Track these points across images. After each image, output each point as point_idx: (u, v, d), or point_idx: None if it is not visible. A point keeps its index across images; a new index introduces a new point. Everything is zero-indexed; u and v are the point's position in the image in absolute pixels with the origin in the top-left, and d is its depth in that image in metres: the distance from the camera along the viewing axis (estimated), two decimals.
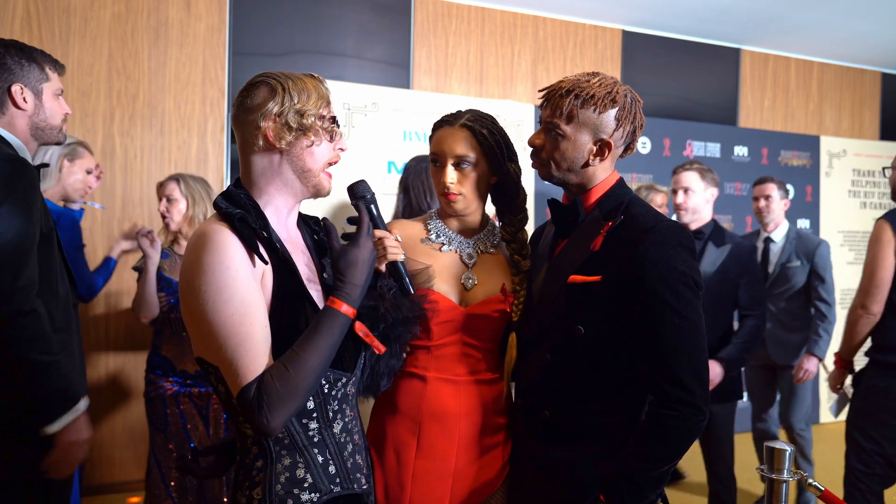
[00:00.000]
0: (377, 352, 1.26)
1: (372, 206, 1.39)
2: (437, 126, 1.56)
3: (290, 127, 1.20)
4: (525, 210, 1.60)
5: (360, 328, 1.22)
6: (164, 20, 3.57)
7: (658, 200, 3.58)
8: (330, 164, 1.28)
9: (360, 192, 1.40)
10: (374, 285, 1.35)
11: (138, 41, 3.53)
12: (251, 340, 1.10)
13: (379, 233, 1.37)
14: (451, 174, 1.51)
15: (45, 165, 1.91)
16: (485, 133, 1.51)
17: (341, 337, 1.16)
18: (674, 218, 2.77)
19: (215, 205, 1.18)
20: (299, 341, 1.13)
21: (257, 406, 1.08)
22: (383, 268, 1.37)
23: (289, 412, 1.11)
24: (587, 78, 1.34)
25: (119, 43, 3.49)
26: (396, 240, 1.39)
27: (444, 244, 1.56)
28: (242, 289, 1.10)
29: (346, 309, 1.16)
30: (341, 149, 1.29)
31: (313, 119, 1.22)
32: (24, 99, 1.75)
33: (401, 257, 1.37)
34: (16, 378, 1.50)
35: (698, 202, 2.78)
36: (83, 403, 1.60)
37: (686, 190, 2.77)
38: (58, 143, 1.90)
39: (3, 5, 3.28)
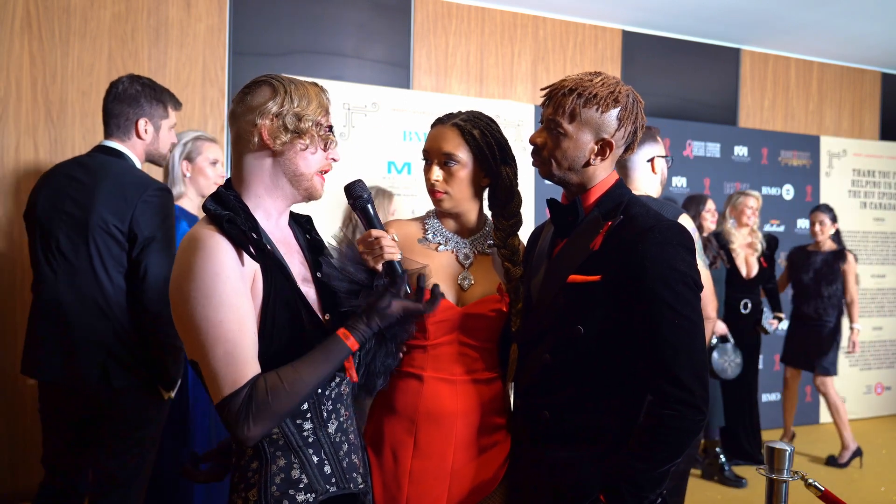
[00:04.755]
0: (352, 380, 1.29)
1: (369, 205, 1.39)
2: (432, 125, 1.57)
3: (287, 128, 1.19)
4: (519, 215, 1.59)
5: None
6: (164, 20, 3.57)
7: (751, 204, 4.04)
8: (322, 172, 1.27)
9: (356, 192, 1.39)
10: (371, 284, 1.34)
11: (138, 41, 3.53)
12: (239, 347, 1.10)
13: (376, 232, 1.37)
14: (436, 172, 1.51)
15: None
16: (475, 133, 1.50)
17: (339, 366, 1.19)
18: None
19: (204, 207, 1.17)
20: (301, 361, 1.14)
21: (244, 414, 1.08)
22: (380, 267, 1.37)
23: (271, 426, 1.12)
24: (590, 77, 1.34)
25: (119, 43, 3.49)
26: (393, 239, 1.39)
27: (440, 244, 1.55)
28: (232, 294, 1.09)
29: (353, 343, 1.19)
30: (333, 158, 1.28)
31: (310, 124, 1.21)
32: (146, 131, 2.19)
33: (397, 257, 1.37)
34: (162, 359, 2.09)
35: None
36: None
37: None
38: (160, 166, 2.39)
39: (3, 5, 3.28)
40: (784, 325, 4.37)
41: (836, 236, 4.38)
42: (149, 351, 2.09)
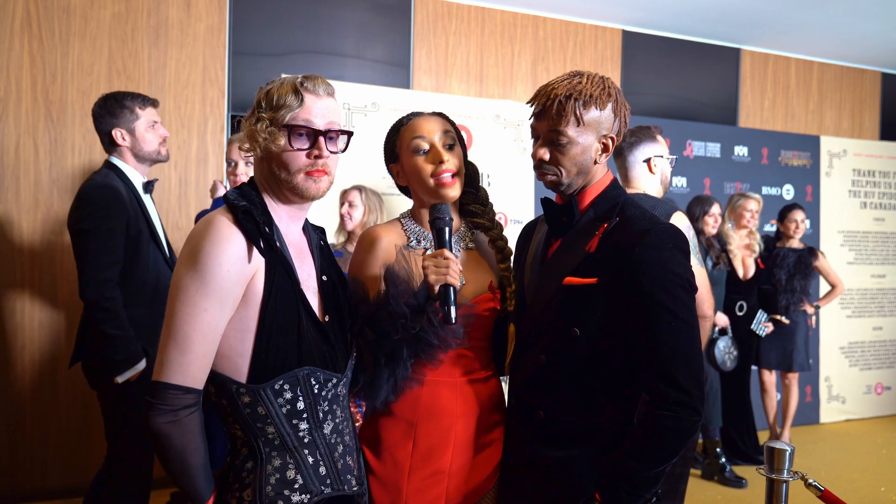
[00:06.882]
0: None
1: (447, 228, 1.41)
2: (406, 120, 1.57)
3: (263, 132, 1.20)
4: (489, 202, 1.65)
5: None
6: (164, 20, 3.57)
7: (751, 207, 4.01)
8: (308, 173, 1.22)
9: (440, 213, 1.42)
10: (423, 308, 1.35)
11: (138, 41, 3.53)
12: (211, 343, 1.11)
13: (449, 254, 1.36)
14: (447, 154, 1.50)
15: (155, 180, 2.52)
16: (453, 122, 1.57)
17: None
18: None
19: (225, 197, 1.20)
20: (202, 461, 1.14)
21: (167, 407, 1.09)
22: (436, 287, 1.34)
23: (161, 432, 1.11)
24: (577, 80, 1.35)
25: (119, 43, 3.49)
26: (460, 269, 1.38)
27: (427, 249, 1.55)
28: (225, 290, 1.11)
29: None
30: (317, 156, 1.22)
31: (281, 125, 1.20)
32: (123, 138, 2.38)
33: (458, 284, 1.36)
34: (99, 345, 2.22)
35: None
36: (141, 364, 2.26)
37: None
38: (161, 162, 2.53)
39: (3, 5, 3.28)
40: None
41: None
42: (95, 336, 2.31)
